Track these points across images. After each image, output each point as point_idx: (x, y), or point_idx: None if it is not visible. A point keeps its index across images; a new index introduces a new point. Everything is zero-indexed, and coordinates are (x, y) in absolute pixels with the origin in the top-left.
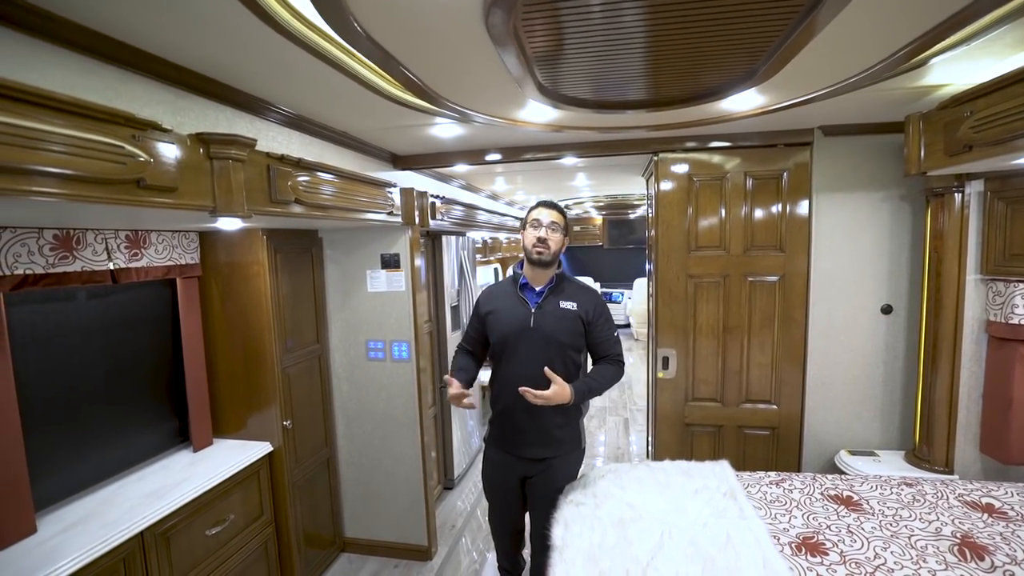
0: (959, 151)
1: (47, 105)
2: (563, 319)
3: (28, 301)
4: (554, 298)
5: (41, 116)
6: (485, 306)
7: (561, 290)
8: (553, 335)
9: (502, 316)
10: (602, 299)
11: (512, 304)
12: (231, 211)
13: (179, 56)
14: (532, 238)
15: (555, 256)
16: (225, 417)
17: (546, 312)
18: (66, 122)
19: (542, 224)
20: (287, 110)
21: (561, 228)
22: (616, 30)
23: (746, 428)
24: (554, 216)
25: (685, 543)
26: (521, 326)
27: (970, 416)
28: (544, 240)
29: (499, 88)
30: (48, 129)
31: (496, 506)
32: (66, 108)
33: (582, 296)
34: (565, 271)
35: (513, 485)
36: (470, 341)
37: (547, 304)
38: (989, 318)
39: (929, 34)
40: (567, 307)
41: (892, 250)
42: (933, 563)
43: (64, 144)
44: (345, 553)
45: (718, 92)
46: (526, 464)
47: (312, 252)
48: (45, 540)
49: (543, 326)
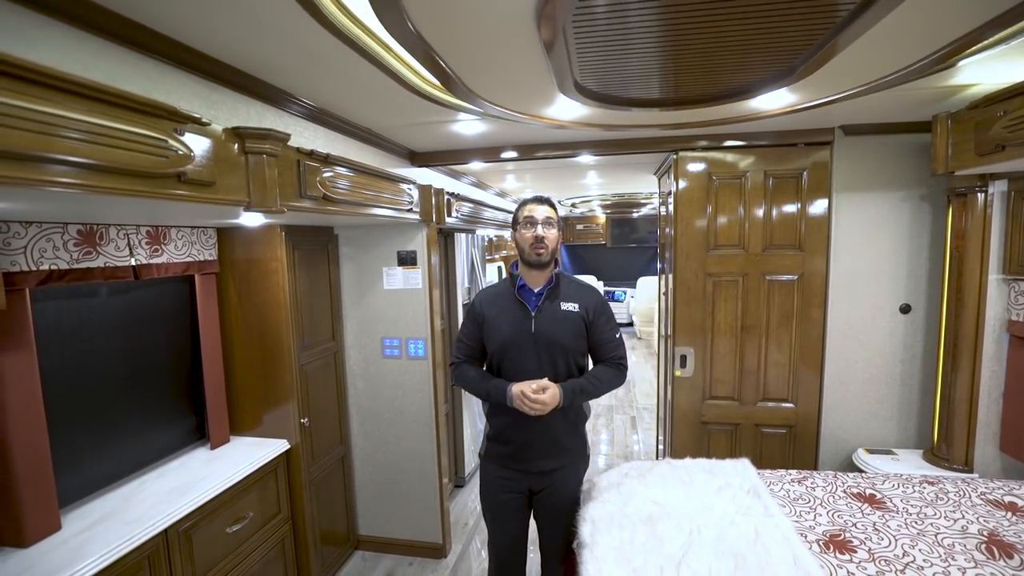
0: (991, 151)
1: (96, 98)
2: (565, 322)
3: (52, 297)
4: (554, 299)
5: (92, 109)
6: (481, 311)
7: (561, 290)
8: (556, 340)
9: (501, 322)
10: (603, 298)
11: (510, 308)
12: (265, 206)
13: (217, 49)
14: (529, 238)
15: (553, 254)
16: (241, 414)
17: (546, 315)
18: (112, 115)
19: (537, 221)
20: (314, 105)
21: (556, 223)
22: (667, 27)
23: (763, 426)
24: (548, 211)
25: (714, 540)
26: (521, 332)
27: (990, 415)
28: (542, 239)
29: (533, 84)
30: (95, 122)
31: (499, 528)
32: (113, 100)
33: (583, 295)
34: (564, 269)
35: (520, 503)
36: (466, 351)
37: (547, 306)
38: (1011, 318)
39: (974, 33)
40: (568, 308)
41: (911, 250)
42: (962, 561)
43: (110, 137)
44: (359, 551)
45: (749, 90)
46: (534, 478)
47: (328, 249)
48: (70, 537)
49: (545, 331)
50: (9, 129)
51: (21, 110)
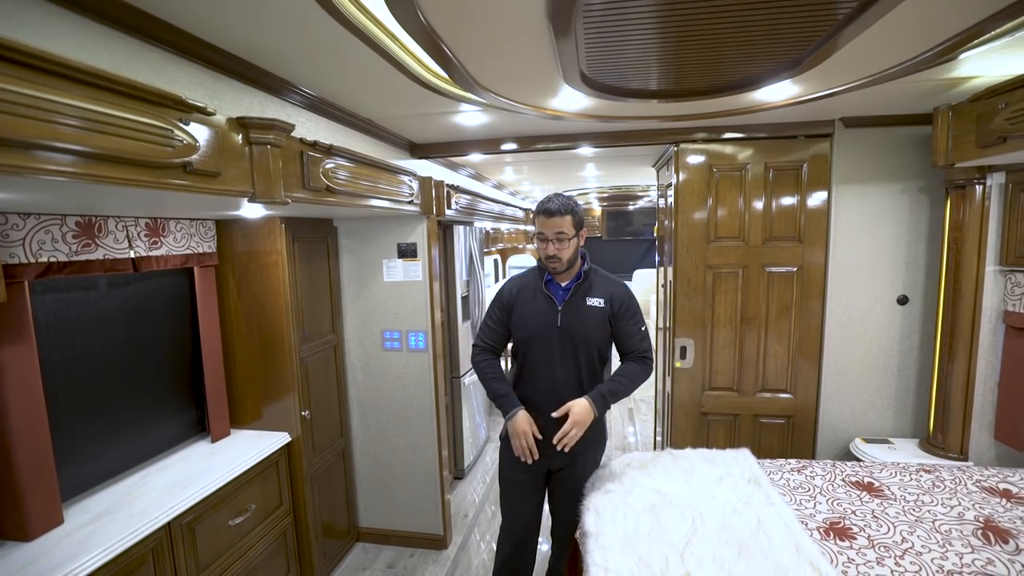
0: (992, 143)
1: (102, 86)
2: (590, 317)
3: (51, 290)
4: (581, 294)
5: (97, 97)
6: (511, 299)
7: (589, 285)
8: (581, 335)
9: (528, 313)
10: (630, 292)
11: (538, 300)
12: (270, 197)
13: (223, 38)
14: (542, 254)
15: (572, 261)
16: (242, 407)
17: (572, 310)
18: (118, 104)
19: (548, 239)
20: (315, 95)
21: (569, 234)
22: (675, 19)
23: (762, 417)
24: (559, 226)
25: (717, 528)
26: (548, 325)
27: (985, 404)
28: (554, 256)
29: (538, 75)
30: (101, 110)
31: (515, 508)
32: (119, 89)
33: (610, 290)
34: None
35: (536, 483)
36: (492, 336)
37: (574, 301)
38: (1007, 308)
39: (978, 25)
40: (594, 304)
41: (909, 242)
42: (959, 546)
43: (116, 126)
44: (360, 543)
45: (753, 82)
46: (554, 460)
47: (328, 242)
48: (73, 531)
49: (570, 325)
50: (11, 116)
51: (23, 96)
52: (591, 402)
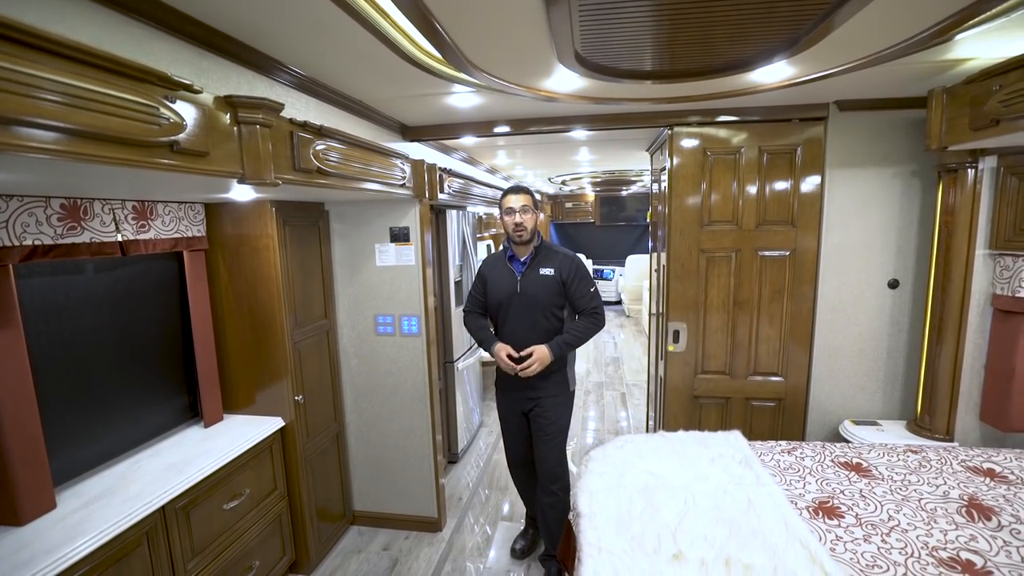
0: (985, 125)
1: (85, 61)
2: (543, 284)
3: (37, 273)
4: (536, 266)
5: (80, 72)
6: (485, 273)
7: (541, 259)
8: (536, 297)
9: (496, 284)
10: (578, 261)
11: (503, 273)
12: (260, 178)
13: (210, 14)
14: (511, 224)
15: (533, 232)
16: (235, 392)
17: (529, 279)
18: (101, 80)
19: (515, 210)
20: (305, 75)
21: (531, 207)
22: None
23: (753, 400)
24: (523, 200)
25: (709, 508)
26: (511, 292)
27: (972, 386)
28: (520, 224)
29: (533, 54)
30: (83, 86)
31: (509, 437)
32: (102, 64)
33: (559, 261)
34: (552, 240)
35: (520, 421)
36: (477, 304)
37: (530, 272)
38: (996, 291)
39: (974, 5)
40: (546, 272)
41: (901, 225)
42: (944, 524)
43: (99, 103)
44: (355, 526)
45: (748, 63)
46: (523, 401)
47: (319, 226)
48: (67, 515)
49: (528, 290)
50: None
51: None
52: (548, 348)
